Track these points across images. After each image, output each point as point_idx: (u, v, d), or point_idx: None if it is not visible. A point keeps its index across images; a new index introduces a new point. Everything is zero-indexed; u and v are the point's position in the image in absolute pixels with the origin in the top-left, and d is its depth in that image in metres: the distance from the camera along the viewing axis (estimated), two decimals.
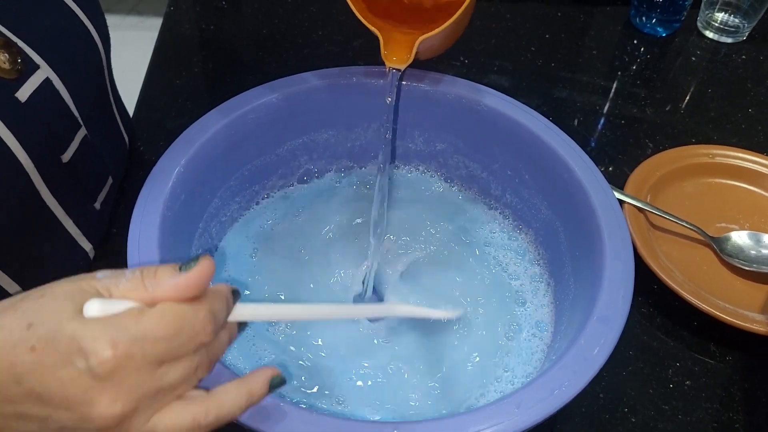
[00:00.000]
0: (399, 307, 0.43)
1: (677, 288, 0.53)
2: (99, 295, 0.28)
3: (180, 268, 0.29)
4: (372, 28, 0.46)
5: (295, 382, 0.44)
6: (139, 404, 0.27)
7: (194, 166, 0.45)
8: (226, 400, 0.30)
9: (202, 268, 0.29)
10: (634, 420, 0.49)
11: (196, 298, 0.29)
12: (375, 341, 0.47)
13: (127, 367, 0.26)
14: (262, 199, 0.55)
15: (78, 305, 0.27)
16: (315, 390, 0.44)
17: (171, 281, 0.28)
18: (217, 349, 0.31)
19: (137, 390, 0.27)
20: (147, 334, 0.27)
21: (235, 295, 0.32)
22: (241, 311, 0.32)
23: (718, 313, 0.51)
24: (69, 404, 0.26)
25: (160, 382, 0.28)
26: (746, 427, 0.49)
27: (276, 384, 0.32)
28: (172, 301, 0.28)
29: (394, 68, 0.47)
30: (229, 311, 0.31)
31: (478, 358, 0.46)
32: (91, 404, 0.26)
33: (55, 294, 0.28)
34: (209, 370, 0.30)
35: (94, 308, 0.27)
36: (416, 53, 0.47)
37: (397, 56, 0.47)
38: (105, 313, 0.27)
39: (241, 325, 0.33)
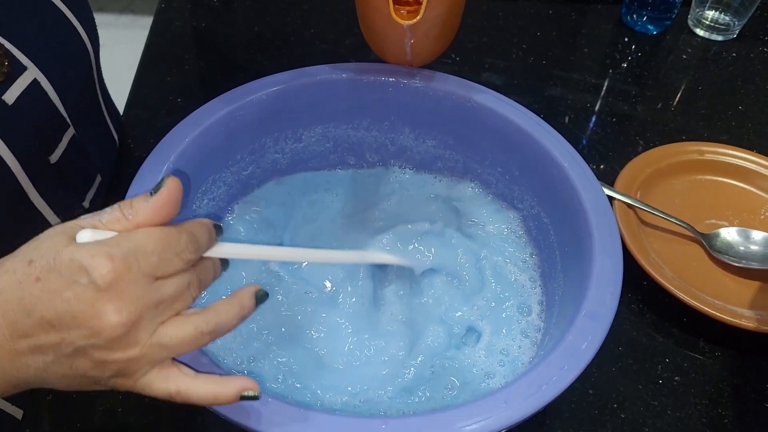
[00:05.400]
0: (373, 254, 0.48)
1: (667, 284, 0.53)
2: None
3: (151, 194, 0.31)
4: None
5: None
6: (143, 314, 0.29)
7: (184, 162, 0.45)
8: (222, 310, 0.32)
9: (169, 186, 0.31)
10: (623, 416, 0.49)
11: (172, 219, 0.31)
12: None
13: (126, 278, 0.28)
14: (253, 194, 0.54)
15: (71, 237, 0.29)
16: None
17: (146, 205, 0.31)
18: (205, 274, 0.33)
19: (139, 299, 0.29)
20: (138, 248, 0.29)
21: (218, 229, 0.34)
22: (224, 249, 0.34)
23: (707, 309, 0.52)
24: (78, 322, 0.28)
25: (158, 294, 0.30)
26: (735, 422, 0.49)
27: (260, 297, 0.35)
28: (154, 225, 0.31)
29: (405, 23, 0.45)
30: (211, 239, 0.33)
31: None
32: (98, 316, 0.28)
33: (48, 234, 0.30)
34: (201, 291, 0.33)
35: (86, 236, 0.30)
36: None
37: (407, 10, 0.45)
38: (96, 239, 0.30)
39: (224, 263, 0.35)
